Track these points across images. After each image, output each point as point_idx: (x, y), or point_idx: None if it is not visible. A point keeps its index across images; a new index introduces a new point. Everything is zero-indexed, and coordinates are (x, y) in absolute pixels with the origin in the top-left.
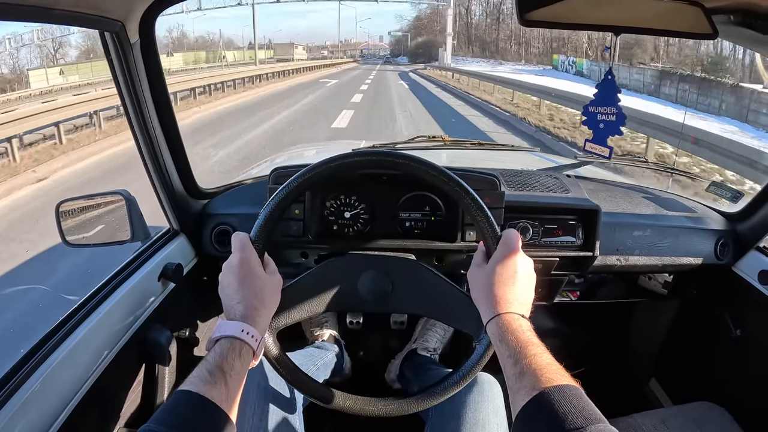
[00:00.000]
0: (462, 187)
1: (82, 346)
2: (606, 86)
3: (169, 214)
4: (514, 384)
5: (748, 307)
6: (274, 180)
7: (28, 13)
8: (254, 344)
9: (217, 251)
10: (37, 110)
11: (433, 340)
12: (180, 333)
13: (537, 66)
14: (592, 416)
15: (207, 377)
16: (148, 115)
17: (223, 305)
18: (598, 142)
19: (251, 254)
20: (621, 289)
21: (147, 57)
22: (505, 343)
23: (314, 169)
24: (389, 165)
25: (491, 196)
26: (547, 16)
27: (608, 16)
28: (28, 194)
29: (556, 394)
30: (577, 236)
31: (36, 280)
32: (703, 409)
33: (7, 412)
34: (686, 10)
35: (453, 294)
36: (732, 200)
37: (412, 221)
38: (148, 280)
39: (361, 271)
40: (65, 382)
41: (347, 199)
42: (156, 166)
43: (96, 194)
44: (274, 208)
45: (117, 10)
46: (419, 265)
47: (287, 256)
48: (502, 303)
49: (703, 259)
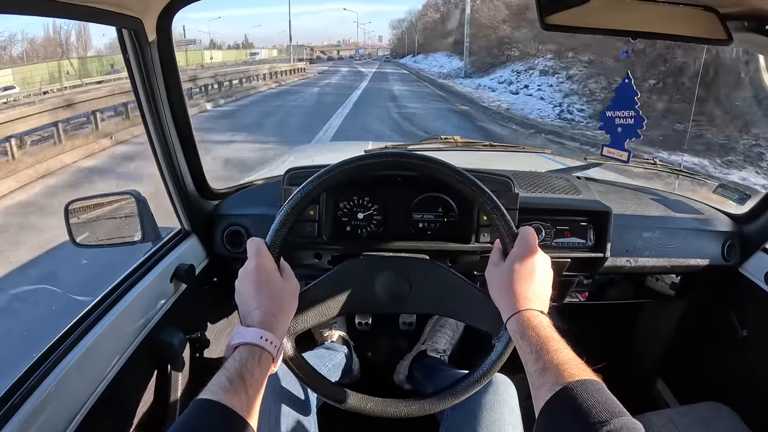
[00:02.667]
0: (478, 187)
1: (96, 349)
2: (623, 90)
3: (180, 214)
4: (536, 380)
5: (755, 308)
6: (288, 181)
7: (47, 8)
8: (273, 351)
9: (229, 252)
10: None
11: (442, 342)
12: (192, 334)
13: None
14: (615, 410)
15: (227, 385)
16: (163, 114)
17: (240, 312)
18: (616, 146)
19: (267, 260)
20: (629, 290)
21: (163, 55)
22: (527, 339)
23: (331, 171)
24: (406, 166)
25: (506, 197)
26: (566, 20)
27: (625, 20)
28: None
29: (579, 389)
30: (588, 238)
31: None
32: (710, 409)
33: (22, 415)
34: (701, 15)
35: (470, 292)
36: (739, 202)
37: (425, 222)
38: (161, 281)
39: (377, 272)
40: (80, 385)
41: (360, 200)
42: (169, 166)
43: (106, 194)
44: (289, 212)
45: (136, 7)
46: (436, 264)
47: (301, 257)
48: (522, 300)
49: (710, 260)
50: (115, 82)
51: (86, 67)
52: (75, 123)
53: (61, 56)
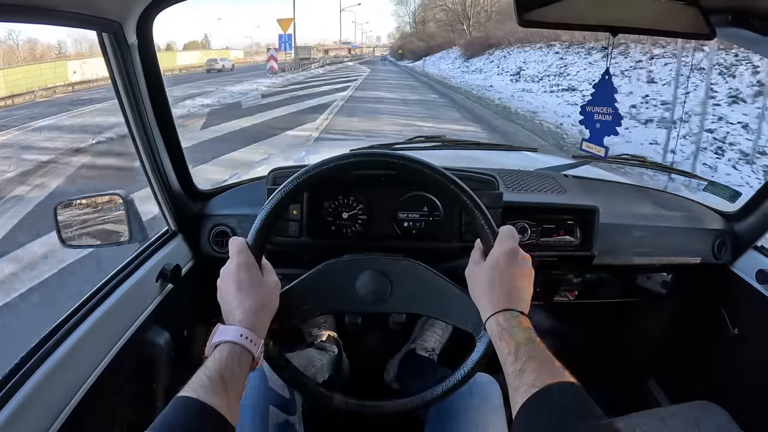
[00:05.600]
0: (457, 185)
1: (80, 348)
2: (603, 86)
3: (166, 215)
4: (514, 381)
5: (746, 306)
6: (272, 181)
7: (26, 14)
8: (254, 349)
9: (216, 252)
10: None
11: (431, 340)
12: (178, 334)
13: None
14: (592, 412)
15: (207, 383)
16: (146, 116)
17: (222, 310)
18: (595, 141)
19: (249, 259)
20: (619, 288)
21: (145, 58)
22: (505, 340)
23: (310, 171)
24: (385, 165)
25: (488, 196)
26: (546, 17)
27: (606, 16)
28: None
29: (556, 391)
30: (575, 236)
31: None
32: (701, 408)
33: (5, 416)
34: (683, 10)
35: (452, 292)
36: (730, 200)
37: (410, 222)
38: (146, 281)
39: (358, 271)
40: (63, 385)
41: (345, 199)
42: (154, 167)
43: (93, 195)
44: (270, 212)
45: (115, 10)
46: (417, 264)
47: (284, 257)
48: (501, 300)
49: (701, 258)
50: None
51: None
52: None
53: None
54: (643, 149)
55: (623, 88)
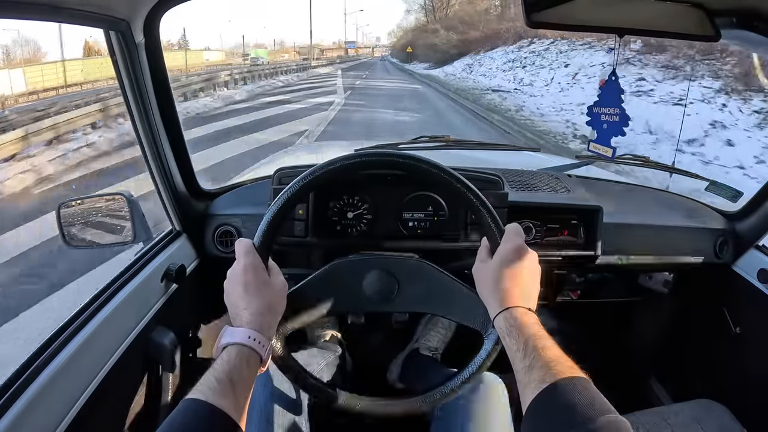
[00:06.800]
0: (464, 184)
1: (86, 349)
2: (610, 87)
3: (171, 214)
4: (523, 377)
5: (748, 306)
6: (278, 180)
7: (33, 11)
8: (262, 351)
9: (220, 252)
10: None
11: (435, 340)
12: (183, 334)
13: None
14: (603, 408)
15: (215, 385)
16: (152, 115)
17: (229, 313)
18: (602, 142)
19: (255, 260)
20: (621, 288)
21: (151, 56)
22: (513, 337)
23: (317, 171)
24: (392, 165)
25: (494, 196)
26: (553, 18)
27: (612, 17)
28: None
29: (566, 386)
30: (578, 236)
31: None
32: (703, 407)
33: (11, 416)
34: (689, 12)
35: (458, 291)
36: (731, 199)
37: (415, 221)
38: (151, 281)
39: (365, 271)
40: (69, 385)
41: (351, 199)
42: (159, 167)
43: (97, 195)
44: (276, 213)
45: (122, 9)
46: (423, 263)
47: (290, 256)
48: (509, 297)
49: (703, 257)
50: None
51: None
52: None
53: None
54: (644, 150)
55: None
